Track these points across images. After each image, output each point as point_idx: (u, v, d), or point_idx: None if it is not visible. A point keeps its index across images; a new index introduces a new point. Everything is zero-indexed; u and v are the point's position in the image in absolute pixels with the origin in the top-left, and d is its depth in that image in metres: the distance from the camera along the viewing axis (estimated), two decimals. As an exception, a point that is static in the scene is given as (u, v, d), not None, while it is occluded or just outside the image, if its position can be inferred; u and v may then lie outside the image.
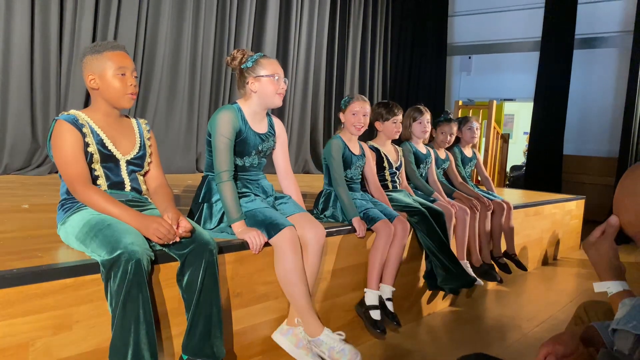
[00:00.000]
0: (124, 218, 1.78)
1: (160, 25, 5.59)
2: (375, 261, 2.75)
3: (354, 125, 2.85)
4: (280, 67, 2.33)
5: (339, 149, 2.83)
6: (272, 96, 2.28)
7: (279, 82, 2.28)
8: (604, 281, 1.32)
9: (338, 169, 2.80)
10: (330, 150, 2.83)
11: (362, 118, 2.85)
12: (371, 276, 2.75)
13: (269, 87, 2.27)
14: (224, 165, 2.21)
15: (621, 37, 7.95)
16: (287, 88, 2.41)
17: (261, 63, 2.28)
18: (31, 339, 1.53)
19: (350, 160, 2.89)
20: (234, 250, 2.12)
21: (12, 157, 4.53)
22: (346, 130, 2.91)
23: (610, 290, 1.31)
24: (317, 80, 7.62)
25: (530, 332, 3.07)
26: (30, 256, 1.72)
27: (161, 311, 1.87)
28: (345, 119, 2.88)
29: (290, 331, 2.28)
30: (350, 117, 2.86)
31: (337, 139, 2.87)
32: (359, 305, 2.75)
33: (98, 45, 1.93)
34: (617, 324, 1.15)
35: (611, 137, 8.02)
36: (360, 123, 2.85)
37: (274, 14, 6.87)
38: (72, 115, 1.89)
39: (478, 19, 9.30)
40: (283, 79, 2.30)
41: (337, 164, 2.81)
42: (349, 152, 2.88)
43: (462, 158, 4.20)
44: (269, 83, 2.27)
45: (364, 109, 2.85)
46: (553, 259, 5.23)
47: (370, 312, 2.70)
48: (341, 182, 2.79)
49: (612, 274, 1.32)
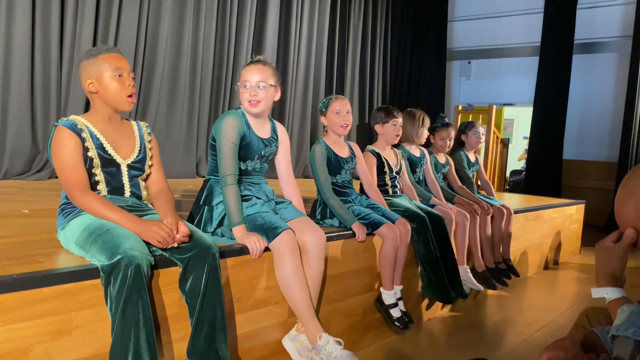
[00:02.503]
0: (123, 223, 1.78)
1: (161, 31, 5.60)
2: (386, 264, 2.78)
3: (340, 125, 2.78)
4: (252, 73, 2.25)
5: (323, 155, 2.76)
6: (245, 104, 2.28)
7: (247, 89, 2.24)
8: (602, 287, 1.32)
9: (323, 178, 2.74)
10: (314, 158, 2.75)
11: (346, 116, 2.79)
12: (385, 278, 2.80)
13: (242, 95, 2.27)
14: (228, 169, 2.22)
15: (620, 42, 7.97)
16: (285, 91, 2.40)
17: (241, 72, 2.31)
18: (31, 345, 1.53)
19: (338, 164, 2.83)
20: (235, 255, 2.12)
21: (12, 162, 4.53)
22: (330, 133, 2.85)
23: (609, 296, 1.30)
24: (317, 85, 7.63)
25: (530, 338, 3.06)
26: (30, 261, 1.72)
27: (161, 316, 1.86)
28: (329, 120, 2.82)
29: (297, 337, 2.29)
30: (334, 117, 2.79)
31: (320, 145, 2.80)
32: (377, 303, 2.82)
33: (93, 50, 1.95)
34: (617, 330, 1.14)
35: (611, 141, 8.03)
36: (345, 121, 2.79)
37: (274, 19, 6.89)
38: (71, 120, 1.89)
39: (477, 24, 9.33)
40: (254, 84, 2.23)
41: (322, 172, 2.74)
42: (335, 155, 2.83)
43: (468, 162, 4.19)
44: (241, 91, 2.27)
45: (346, 107, 2.80)
46: (553, 264, 5.22)
47: (390, 311, 2.78)
48: (328, 191, 2.73)
49: (611, 281, 1.31)
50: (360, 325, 2.75)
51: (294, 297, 2.18)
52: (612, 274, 1.31)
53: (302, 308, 2.18)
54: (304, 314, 2.19)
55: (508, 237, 4.07)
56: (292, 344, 2.29)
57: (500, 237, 4.00)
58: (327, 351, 2.15)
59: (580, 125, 8.32)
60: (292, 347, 2.28)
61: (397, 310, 2.80)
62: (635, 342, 1.09)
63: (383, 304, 2.82)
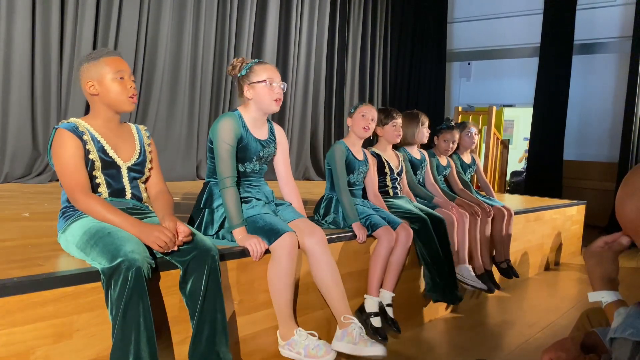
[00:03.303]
0: (125, 226, 1.78)
1: (161, 34, 5.60)
2: (376, 267, 2.75)
3: (362, 127, 2.89)
4: (275, 72, 2.32)
5: (342, 153, 2.86)
6: (268, 102, 2.29)
7: (274, 88, 2.28)
8: (598, 291, 1.34)
9: (341, 174, 2.83)
10: (334, 155, 2.86)
11: (369, 121, 2.90)
12: (371, 282, 2.76)
13: (264, 93, 2.28)
14: (227, 172, 2.23)
15: (620, 42, 7.97)
16: (286, 93, 2.40)
17: (255, 70, 2.30)
18: (31, 348, 1.53)
19: (354, 165, 2.91)
20: (235, 257, 2.12)
21: (12, 166, 4.53)
22: (352, 134, 2.95)
23: (605, 299, 1.32)
24: (317, 87, 7.63)
25: (531, 339, 3.06)
26: (30, 264, 1.72)
27: (162, 319, 1.86)
28: (354, 122, 2.93)
29: (345, 332, 2.32)
30: (359, 119, 2.90)
31: (341, 144, 2.91)
32: (358, 312, 2.74)
33: (94, 53, 1.96)
34: (614, 333, 1.15)
35: (611, 142, 8.03)
36: (368, 125, 2.90)
37: (274, 22, 6.90)
38: (72, 123, 1.89)
39: (477, 25, 9.33)
40: (280, 84, 2.30)
41: (340, 168, 2.83)
42: (353, 157, 2.91)
43: (461, 164, 4.20)
44: (263, 89, 2.27)
45: (372, 114, 2.92)
46: (554, 265, 5.21)
47: (371, 320, 2.69)
48: (344, 187, 2.81)
49: (607, 285, 1.33)
50: (361, 327, 2.74)
51: (279, 298, 2.20)
52: (608, 278, 1.33)
53: (283, 310, 2.21)
54: (283, 313, 2.22)
55: (508, 238, 4.06)
56: (341, 342, 2.32)
57: (501, 238, 4.00)
58: (303, 344, 2.17)
59: (581, 125, 8.32)
60: (343, 344, 2.32)
61: (378, 320, 2.69)
62: (634, 343, 1.09)
63: (364, 312, 2.72)
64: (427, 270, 3.06)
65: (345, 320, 2.31)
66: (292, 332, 2.22)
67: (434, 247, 3.01)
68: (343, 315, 2.32)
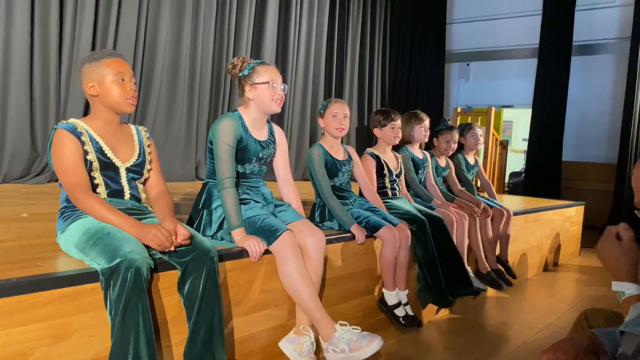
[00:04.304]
0: (124, 226, 1.78)
1: (159, 34, 5.60)
2: (387, 266, 2.79)
3: (335, 128, 2.79)
4: (277, 73, 2.32)
5: (320, 158, 2.78)
6: (268, 103, 2.29)
7: (276, 89, 2.28)
8: (624, 282, 1.33)
9: (323, 180, 2.76)
10: (312, 161, 2.77)
11: (342, 120, 2.79)
12: (386, 279, 2.82)
13: (265, 94, 2.27)
14: (226, 172, 2.22)
15: (618, 43, 7.98)
16: (286, 94, 2.40)
17: (257, 70, 2.29)
18: (30, 349, 1.53)
19: (335, 166, 2.84)
20: (234, 258, 2.12)
21: (11, 166, 4.52)
22: (327, 135, 2.86)
23: (630, 292, 1.32)
24: (316, 87, 7.63)
25: (530, 340, 3.06)
26: (29, 265, 1.72)
27: (161, 319, 1.86)
28: (325, 123, 2.83)
29: (296, 339, 2.28)
30: (330, 120, 2.80)
31: (317, 147, 2.82)
32: (381, 304, 2.86)
33: (96, 53, 1.95)
34: (626, 326, 1.15)
35: (610, 143, 8.04)
36: (341, 125, 2.79)
37: (273, 23, 6.89)
38: (71, 123, 1.90)
39: (476, 27, 9.34)
40: (280, 85, 2.30)
41: (322, 174, 2.76)
42: (332, 158, 2.83)
43: (466, 165, 4.20)
44: (265, 90, 2.27)
45: (344, 111, 2.80)
46: (553, 266, 5.22)
47: (395, 311, 2.83)
48: (327, 192, 2.75)
49: (633, 277, 1.33)
50: (360, 327, 2.74)
51: (302, 297, 2.16)
52: (633, 268, 1.33)
53: (311, 306, 2.16)
54: (314, 312, 2.17)
55: (506, 238, 4.07)
56: (290, 346, 2.28)
57: (499, 238, 4.00)
58: (346, 339, 2.12)
59: (579, 126, 8.33)
60: (290, 349, 2.27)
61: (401, 310, 2.83)
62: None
63: (387, 304, 2.84)
64: (421, 271, 3.07)
65: (304, 331, 2.27)
66: (333, 329, 2.15)
67: (430, 250, 3.01)
68: (304, 326, 2.27)
